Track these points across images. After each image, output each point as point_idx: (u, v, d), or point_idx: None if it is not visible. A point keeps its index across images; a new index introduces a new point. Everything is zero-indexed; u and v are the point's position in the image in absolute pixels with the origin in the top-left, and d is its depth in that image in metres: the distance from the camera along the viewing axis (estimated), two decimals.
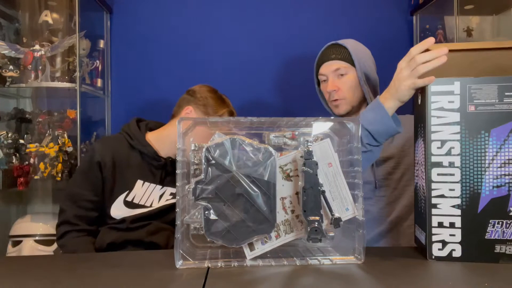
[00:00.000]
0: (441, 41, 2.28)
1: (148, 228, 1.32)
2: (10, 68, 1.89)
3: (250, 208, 0.84)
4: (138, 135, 1.38)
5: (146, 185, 1.35)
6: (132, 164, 1.35)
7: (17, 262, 0.95)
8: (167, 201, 1.37)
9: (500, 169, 0.84)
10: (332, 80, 1.36)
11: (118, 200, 1.33)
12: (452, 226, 0.86)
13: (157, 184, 1.36)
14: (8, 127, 2.03)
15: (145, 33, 2.24)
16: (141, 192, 1.34)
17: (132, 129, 1.40)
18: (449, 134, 0.86)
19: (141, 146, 1.36)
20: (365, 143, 1.05)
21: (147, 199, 1.35)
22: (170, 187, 1.37)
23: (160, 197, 1.36)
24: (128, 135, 1.38)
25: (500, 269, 0.82)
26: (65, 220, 1.32)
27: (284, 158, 0.89)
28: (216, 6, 2.26)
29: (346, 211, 0.89)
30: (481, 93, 0.85)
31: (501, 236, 0.84)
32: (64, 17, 2.04)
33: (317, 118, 0.93)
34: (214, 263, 0.85)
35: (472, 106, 0.85)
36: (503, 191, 0.84)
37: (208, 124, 0.92)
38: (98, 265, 0.92)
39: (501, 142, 0.84)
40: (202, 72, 2.24)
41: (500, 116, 0.84)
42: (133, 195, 1.34)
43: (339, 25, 2.23)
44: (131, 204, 1.33)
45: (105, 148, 1.35)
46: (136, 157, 1.36)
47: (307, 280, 0.77)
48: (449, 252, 0.86)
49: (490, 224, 0.84)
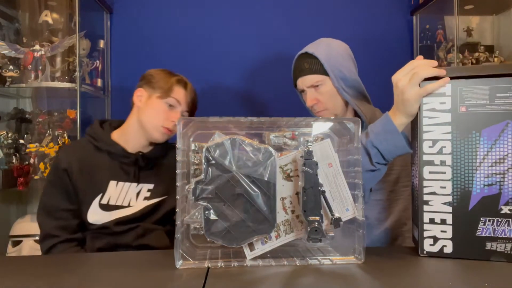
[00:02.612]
0: (441, 41, 2.29)
1: (136, 231, 1.29)
2: (10, 68, 1.89)
3: (250, 208, 0.84)
4: (103, 136, 1.35)
5: (121, 185, 1.31)
6: (102, 166, 1.31)
7: (17, 262, 0.95)
8: (146, 199, 1.32)
9: (491, 168, 0.86)
10: (310, 94, 1.31)
11: (93, 204, 1.28)
12: (444, 222, 0.88)
13: (132, 182, 1.32)
14: (8, 127, 2.03)
15: (145, 33, 2.24)
16: (116, 193, 1.30)
17: (96, 131, 1.36)
18: (441, 134, 0.89)
19: (107, 146, 1.33)
20: (374, 162, 1.02)
21: (124, 199, 1.30)
22: (146, 183, 1.33)
23: (137, 195, 1.32)
24: (92, 138, 1.34)
25: (495, 267, 0.82)
26: (46, 234, 1.28)
27: (284, 158, 0.89)
28: (216, 6, 2.26)
29: (346, 211, 0.89)
30: (472, 95, 0.87)
31: (492, 233, 0.86)
32: (64, 17, 2.04)
33: (317, 118, 0.93)
34: (214, 263, 0.85)
35: (463, 107, 0.88)
36: (494, 189, 0.86)
37: (206, 123, 0.91)
38: (97, 265, 0.92)
39: (492, 142, 0.86)
40: (202, 72, 2.24)
41: (491, 116, 0.86)
42: (108, 197, 1.29)
43: (339, 25, 2.23)
44: (108, 207, 1.28)
45: (69, 155, 1.31)
46: (104, 158, 1.32)
47: (307, 280, 0.77)
48: (440, 248, 0.89)
49: (481, 221, 0.86)
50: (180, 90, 1.36)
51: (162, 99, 1.34)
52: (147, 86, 1.38)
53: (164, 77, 1.37)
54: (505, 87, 0.85)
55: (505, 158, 0.85)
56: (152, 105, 1.34)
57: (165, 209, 1.34)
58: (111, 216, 1.28)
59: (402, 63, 0.94)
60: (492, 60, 2.16)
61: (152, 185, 1.34)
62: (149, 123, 1.34)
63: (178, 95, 1.35)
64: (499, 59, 2.16)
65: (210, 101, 2.25)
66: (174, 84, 1.35)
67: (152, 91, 1.36)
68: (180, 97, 1.35)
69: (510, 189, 0.85)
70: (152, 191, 1.33)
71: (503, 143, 0.85)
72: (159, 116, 1.33)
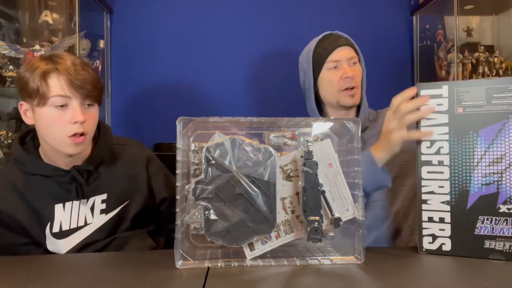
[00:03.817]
0: (441, 41, 2.29)
1: (115, 243, 1.12)
2: (10, 68, 1.89)
3: (250, 208, 0.84)
4: (28, 158, 1.09)
5: (68, 206, 1.09)
6: (39, 192, 1.08)
7: (17, 262, 0.95)
8: (103, 212, 1.12)
9: (489, 167, 0.87)
10: (347, 66, 1.27)
11: (47, 236, 1.08)
12: (442, 221, 0.90)
13: (80, 198, 1.09)
14: (8, 127, 2.03)
15: (145, 33, 2.24)
16: (66, 216, 1.08)
17: (19, 154, 1.10)
18: (438, 135, 0.90)
19: (36, 169, 1.08)
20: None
21: (78, 220, 1.09)
22: (97, 195, 1.11)
23: (92, 210, 1.11)
24: (18, 162, 1.10)
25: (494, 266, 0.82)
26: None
27: (284, 158, 0.89)
28: (216, 6, 2.26)
29: (346, 211, 0.89)
30: (469, 96, 0.88)
31: (490, 232, 0.86)
32: (64, 17, 2.05)
33: (317, 118, 0.93)
34: (214, 263, 0.85)
35: (460, 108, 0.89)
36: (492, 188, 0.86)
37: (206, 123, 0.91)
38: (97, 265, 0.92)
39: (489, 142, 0.87)
40: (202, 72, 2.24)
41: (488, 117, 0.87)
42: (58, 224, 1.08)
43: (339, 25, 2.22)
44: (62, 234, 1.08)
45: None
46: (39, 182, 1.08)
47: (307, 280, 0.77)
48: (439, 246, 0.90)
49: (480, 220, 0.87)
50: (54, 80, 0.99)
51: (44, 107, 1.00)
52: (23, 95, 1.03)
53: (28, 75, 1.00)
54: (502, 87, 0.86)
55: (502, 158, 0.86)
56: (39, 119, 1.02)
57: (131, 214, 1.15)
58: (70, 242, 1.09)
59: (402, 63, 0.94)
60: (492, 60, 2.16)
61: (105, 194, 1.13)
62: (53, 141, 1.04)
63: (57, 89, 0.99)
64: (499, 59, 2.16)
65: (210, 101, 2.26)
66: (43, 78, 0.99)
67: (30, 101, 1.02)
68: (61, 88, 0.99)
69: (508, 188, 0.85)
70: (107, 202, 1.13)
71: (501, 142, 0.86)
72: (54, 128, 1.01)
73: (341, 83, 1.28)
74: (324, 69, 1.31)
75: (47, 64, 1.00)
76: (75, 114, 1.00)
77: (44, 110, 1.00)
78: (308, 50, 1.35)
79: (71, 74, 0.99)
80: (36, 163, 1.09)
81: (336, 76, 1.29)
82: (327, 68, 1.30)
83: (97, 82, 1.05)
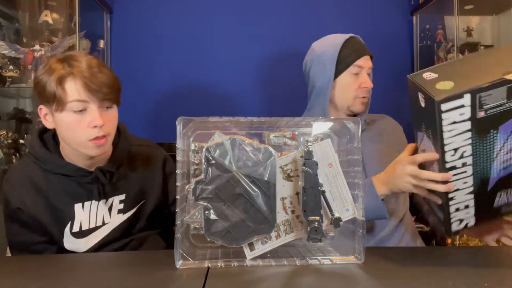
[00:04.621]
0: (441, 41, 2.29)
1: (131, 245, 1.14)
2: (10, 68, 1.89)
3: (250, 208, 0.84)
4: (49, 157, 1.08)
5: (88, 206, 1.09)
6: (59, 191, 1.08)
7: (17, 262, 0.95)
8: (120, 212, 1.13)
9: (507, 155, 0.89)
10: (367, 77, 1.30)
11: (65, 234, 1.08)
12: (467, 207, 0.93)
13: (101, 199, 1.10)
14: (8, 127, 2.03)
15: (145, 33, 2.24)
16: (85, 216, 1.09)
17: (39, 152, 1.09)
18: (461, 141, 0.88)
19: (58, 168, 1.07)
20: None
21: (96, 219, 1.10)
22: (116, 196, 1.12)
23: (109, 210, 1.11)
24: (38, 160, 1.09)
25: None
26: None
27: (284, 158, 0.89)
28: (216, 6, 2.26)
29: (346, 211, 0.89)
30: (490, 98, 0.86)
31: (506, 201, 0.92)
32: (64, 17, 2.05)
33: (317, 118, 0.93)
34: (214, 263, 0.85)
35: (482, 112, 0.87)
36: (509, 169, 0.90)
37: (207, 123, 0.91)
38: (98, 265, 0.92)
39: (508, 134, 0.87)
40: (202, 72, 2.24)
41: (507, 113, 0.86)
42: (78, 224, 1.08)
43: (339, 25, 2.23)
44: (82, 233, 1.09)
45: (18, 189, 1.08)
46: (60, 180, 1.08)
47: (307, 280, 0.77)
48: (465, 225, 0.95)
49: (498, 195, 0.92)
50: (71, 84, 0.97)
51: (62, 112, 0.99)
52: (41, 99, 1.03)
53: (46, 78, 0.99)
54: None
55: None
56: (60, 124, 1.02)
57: (146, 214, 1.17)
58: (88, 242, 1.10)
59: (402, 63, 0.93)
60: None
61: (123, 195, 1.14)
62: (74, 144, 1.04)
63: (73, 94, 0.97)
64: None
65: (210, 101, 2.26)
66: (59, 83, 0.97)
67: (48, 106, 1.01)
68: (78, 93, 0.97)
69: None
70: (125, 202, 1.14)
71: None
72: (74, 133, 1.01)
73: (359, 91, 1.28)
74: (346, 72, 1.28)
75: (63, 68, 0.99)
76: (94, 118, 0.99)
77: (62, 115, 1.00)
78: (334, 46, 1.29)
79: (87, 77, 0.98)
80: (58, 163, 1.08)
81: (356, 83, 1.28)
82: (350, 72, 1.28)
83: (114, 83, 1.04)
